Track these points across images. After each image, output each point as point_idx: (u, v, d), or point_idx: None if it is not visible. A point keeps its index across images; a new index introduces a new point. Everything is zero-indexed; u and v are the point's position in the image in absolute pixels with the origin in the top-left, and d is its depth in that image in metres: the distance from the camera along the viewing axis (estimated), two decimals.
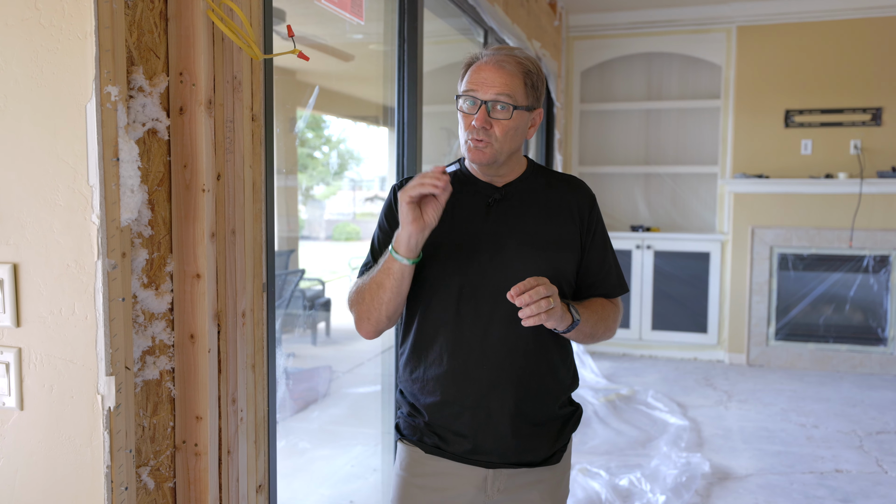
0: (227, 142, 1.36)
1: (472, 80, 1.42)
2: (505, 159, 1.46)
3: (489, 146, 1.41)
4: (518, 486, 1.51)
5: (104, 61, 1.09)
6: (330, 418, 4.32)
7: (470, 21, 3.41)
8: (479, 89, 1.40)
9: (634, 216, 6.15)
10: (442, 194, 1.31)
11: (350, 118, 7.46)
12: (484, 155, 1.42)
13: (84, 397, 1.14)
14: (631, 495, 3.20)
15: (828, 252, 5.52)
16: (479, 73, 1.42)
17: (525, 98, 1.42)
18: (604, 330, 1.50)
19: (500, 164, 1.46)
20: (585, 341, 1.49)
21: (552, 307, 1.29)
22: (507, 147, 1.44)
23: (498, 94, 1.39)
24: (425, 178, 1.30)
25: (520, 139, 1.46)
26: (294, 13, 2.93)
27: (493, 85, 1.40)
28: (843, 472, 3.56)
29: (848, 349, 5.53)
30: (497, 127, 1.40)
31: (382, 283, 1.40)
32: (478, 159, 1.43)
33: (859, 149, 5.42)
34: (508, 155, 1.46)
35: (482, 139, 1.41)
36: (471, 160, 1.45)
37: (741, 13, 5.55)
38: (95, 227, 1.10)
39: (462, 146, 1.47)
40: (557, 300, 1.31)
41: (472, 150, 1.43)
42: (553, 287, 1.31)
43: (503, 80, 1.40)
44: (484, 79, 1.41)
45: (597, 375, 5.18)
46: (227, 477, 1.40)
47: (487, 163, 1.44)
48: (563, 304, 1.36)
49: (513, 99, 1.40)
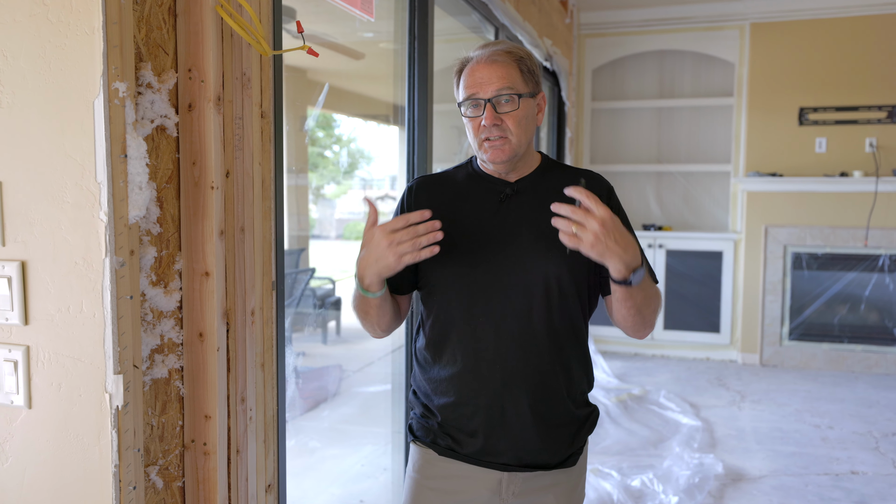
0: (237, 139, 1.35)
1: (470, 84, 1.41)
2: (524, 152, 1.44)
3: (507, 142, 1.40)
4: (533, 490, 1.48)
5: (112, 57, 1.08)
6: (340, 417, 4.32)
7: (480, 18, 3.39)
8: (479, 90, 1.39)
9: (646, 215, 6.11)
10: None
11: (361, 117, 7.46)
12: (504, 152, 1.40)
13: (92, 396, 1.13)
14: (643, 496, 3.17)
15: (842, 251, 5.46)
16: (474, 74, 1.40)
17: (525, 85, 1.41)
18: (651, 312, 1.40)
19: (520, 157, 1.44)
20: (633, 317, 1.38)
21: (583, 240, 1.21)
22: (524, 138, 1.42)
23: (499, 89, 1.38)
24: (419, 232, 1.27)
25: (532, 127, 1.44)
26: (304, 11, 2.92)
27: (492, 81, 1.38)
28: (859, 473, 3.51)
29: (863, 349, 5.47)
30: (508, 120, 1.39)
31: (367, 311, 1.44)
32: (499, 158, 1.41)
33: (875, 147, 5.36)
34: (526, 146, 1.44)
35: (498, 136, 1.39)
36: (491, 160, 1.42)
37: (754, 10, 5.50)
38: (103, 225, 1.09)
39: (477, 151, 1.45)
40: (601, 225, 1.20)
41: (490, 151, 1.41)
42: (605, 211, 1.20)
43: (499, 73, 1.38)
44: (480, 79, 1.39)
45: (608, 375, 5.14)
46: (236, 476, 1.39)
47: (509, 159, 1.41)
48: (634, 243, 1.28)
49: (514, 89, 1.39)
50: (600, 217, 1.21)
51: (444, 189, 1.51)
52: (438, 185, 1.53)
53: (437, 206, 1.48)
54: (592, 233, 1.21)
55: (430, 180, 1.55)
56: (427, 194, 1.51)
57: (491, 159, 1.42)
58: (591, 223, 1.21)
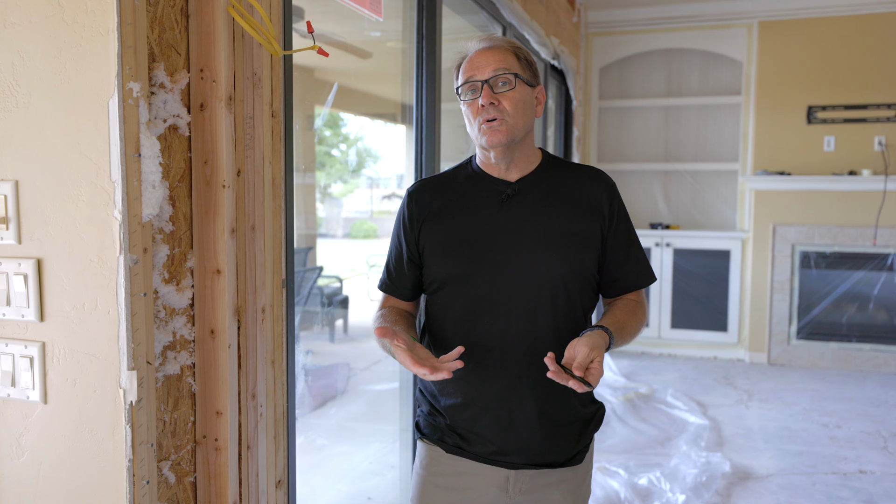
0: (247, 138, 1.37)
1: (467, 69, 1.43)
2: (521, 137, 1.44)
3: (503, 123, 1.40)
4: (540, 487, 1.49)
5: (126, 58, 1.10)
6: (348, 415, 4.34)
7: (488, 17, 3.40)
8: (477, 73, 1.41)
9: (654, 214, 6.11)
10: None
11: (368, 116, 7.48)
12: (501, 133, 1.40)
13: (106, 391, 1.15)
14: (650, 494, 3.18)
15: (851, 250, 5.45)
16: (472, 61, 1.43)
17: (522, 70, 1.43)
18: (631, 337, 1.47)
19: (517, 142, 1.43)
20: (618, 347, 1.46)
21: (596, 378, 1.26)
22: (521, 122, 1.42)
23: (496, 70, 1.40)
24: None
25: (530, 115, 1.45)
26: (313, 10, 2.94)
27: (489, 64, 1.40)
28: (867, 472, 3.51)
29: (872, 348, 5.45)
30: (505, 100, 1.40)
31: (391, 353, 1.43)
32: (496, 139, 1.40)
33: (884, 145, 5.34)
34: (524, 133, 1.44)
35: (494, 117, 1.39)
36: (488, 144, 1.42)
37: (762, 8, 5.49)
38: (118, 223, 1.11)
39: (476, 137, 1.45)
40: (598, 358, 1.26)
41: (487, 133, 1.41)
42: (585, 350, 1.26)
43: (496, 56, 1.41)
44: (477, 63, 1.42)
45: (616, 374, 5.15)
46: (246, 472, 1.40)
47: (506, 141, 1.41)
48: (598, 331, 1.34)
49: (511, 70, 1.40)
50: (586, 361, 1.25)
51: (444, 191, 1.51)
52: (439, 188, 1.52)
53: (437, 208, 1.49)
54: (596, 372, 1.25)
55: (430, 183, 1.55)
56: (428, 198, 1.51)
57: (489, 142, 1.41)
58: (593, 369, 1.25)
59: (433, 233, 1.48)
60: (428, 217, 1.49)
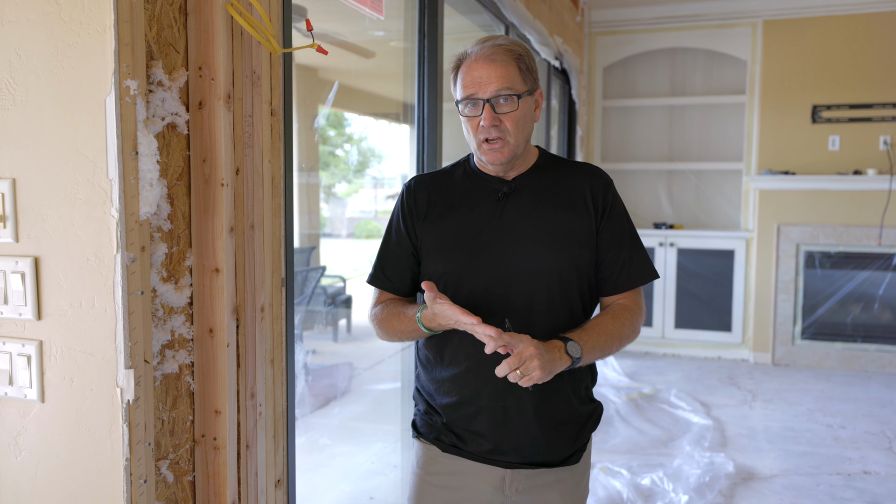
0: (246, 136, 1.36)
1: (468, 83, 1.40)
2: (522, 151, 1.44)
3: (505, 144, 1.40)
4: (537, 487, 1.48)
5: (123, 55, 1.09)
6: (350, 415, 4.33)
7: (491, 17, 3.39)
8: (478, 90, 1.38)
9: (658, 213, 6.09)
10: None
11: (371, 115, 7.48)
12: (503, 154, 1.41)
13: (104, 390, 1.14)
14: (653, 495, 3.16)
15: (856, 250, 5.42)
16: (472, 72, 1.39)
17: (523, 84, 1.41)
18: (619, 345, 1.44)
19: (518, 156, 1.44)
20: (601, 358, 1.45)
21: (530, 374, 1.25)
22: (522, 138, 1.42)
23: (497, 89, 1.37)
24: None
25: (530, 126, 1.44)
26: (315, 10, 2.93)
27: (490, 81, 1.37)
28: (872, 473, 3.49)
29: (877, 349, 5.43)
30: (507, 120, 1.39)
31: (408, 334, 1.46)
32: (497, 159, 1.41)
33: (889, 144, 5.31)
34: (524, 146, 1.44)
35: (496, 137, 1.39)
36: (489, 162, 1.43)
37: (767, 7, 5.47)
38: (115, 221, 1.11)
39: (476, 150, 1.45)
40: (537, 362, 1.25)
41: (488, 153, 1.41)
42: (531, 350, 1.26)
43: (498, 73, 1.37)
44: (479, 78, 1.38)
45: (619, 374, 5.13)
46: (245, 471, 1.40)
47: (508, 160, 1.42)
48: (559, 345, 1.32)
49: (513, 89, 1.38)
50: (528, 354, 1.25)
51: (441, 188, 1.51)
52: (436, 184, 1.53)
53: (435, 206, 1.49)
54: (537, 370, 1.25)
55: (428, 179, 1.55)
56: (425, 193, 1.51)
57: (490, 161, 1.42)
58: (530, 365, 1.25)
59: (430, 230, 1.48)
60: (425, 214, 1.49)
